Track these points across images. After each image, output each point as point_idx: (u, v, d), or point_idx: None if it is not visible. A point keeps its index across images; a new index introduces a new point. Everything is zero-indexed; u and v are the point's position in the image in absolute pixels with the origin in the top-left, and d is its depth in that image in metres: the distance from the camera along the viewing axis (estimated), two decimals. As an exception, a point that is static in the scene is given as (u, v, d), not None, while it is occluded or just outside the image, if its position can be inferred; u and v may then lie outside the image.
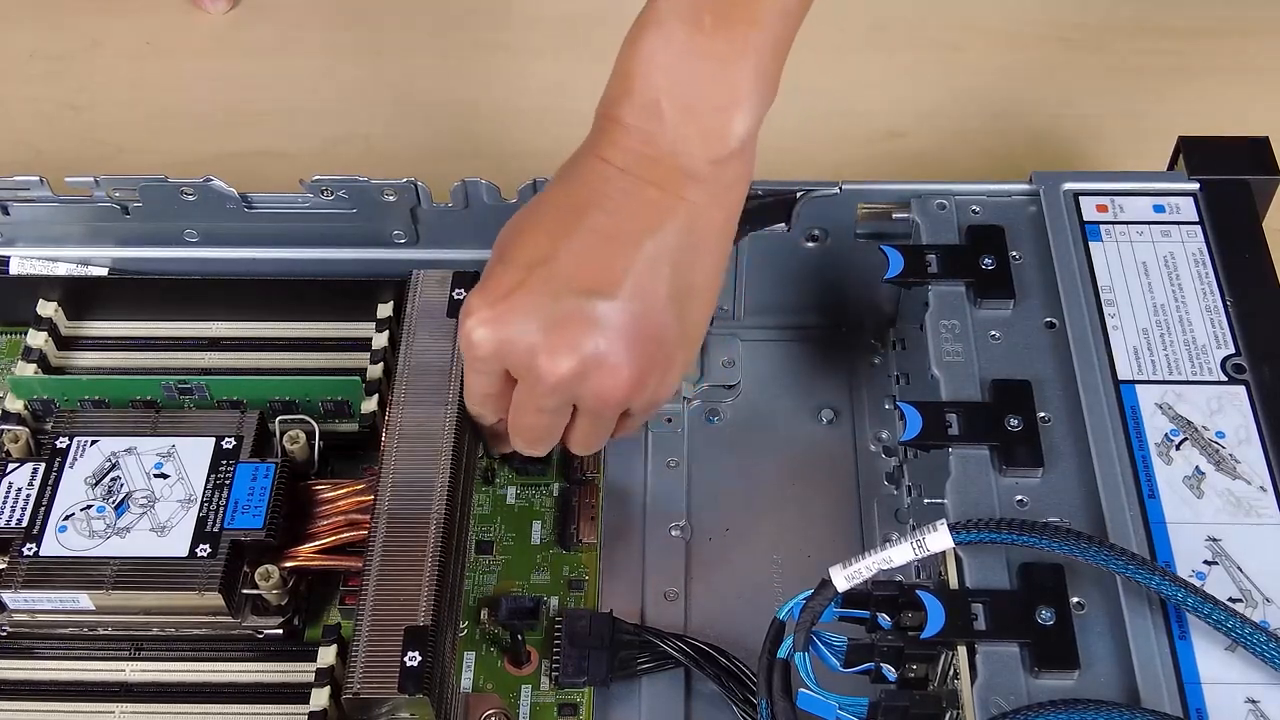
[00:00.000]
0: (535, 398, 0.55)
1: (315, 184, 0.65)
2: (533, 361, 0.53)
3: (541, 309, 0.53)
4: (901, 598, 0.51)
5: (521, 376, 0.55)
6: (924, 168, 0.80)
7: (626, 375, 0.54)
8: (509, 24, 0.89)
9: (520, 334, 0.53)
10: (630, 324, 0.53)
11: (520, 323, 0.53)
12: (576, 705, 0.58)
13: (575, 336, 0.52)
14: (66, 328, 0.68)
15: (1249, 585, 0.52)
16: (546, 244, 0.53)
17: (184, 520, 0.58)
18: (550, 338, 0.53)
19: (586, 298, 0.52)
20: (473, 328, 0.54)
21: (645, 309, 0.53)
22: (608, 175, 0.54)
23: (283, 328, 0.68)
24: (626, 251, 0.53)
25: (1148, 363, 0.58)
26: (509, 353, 0.54)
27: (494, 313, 0.53)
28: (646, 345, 0.54)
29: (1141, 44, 0.87)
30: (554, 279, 0.52)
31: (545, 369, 0.53)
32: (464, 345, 0.55)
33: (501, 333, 0.53)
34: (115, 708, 0.57)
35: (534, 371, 0.53)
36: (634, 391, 0.54)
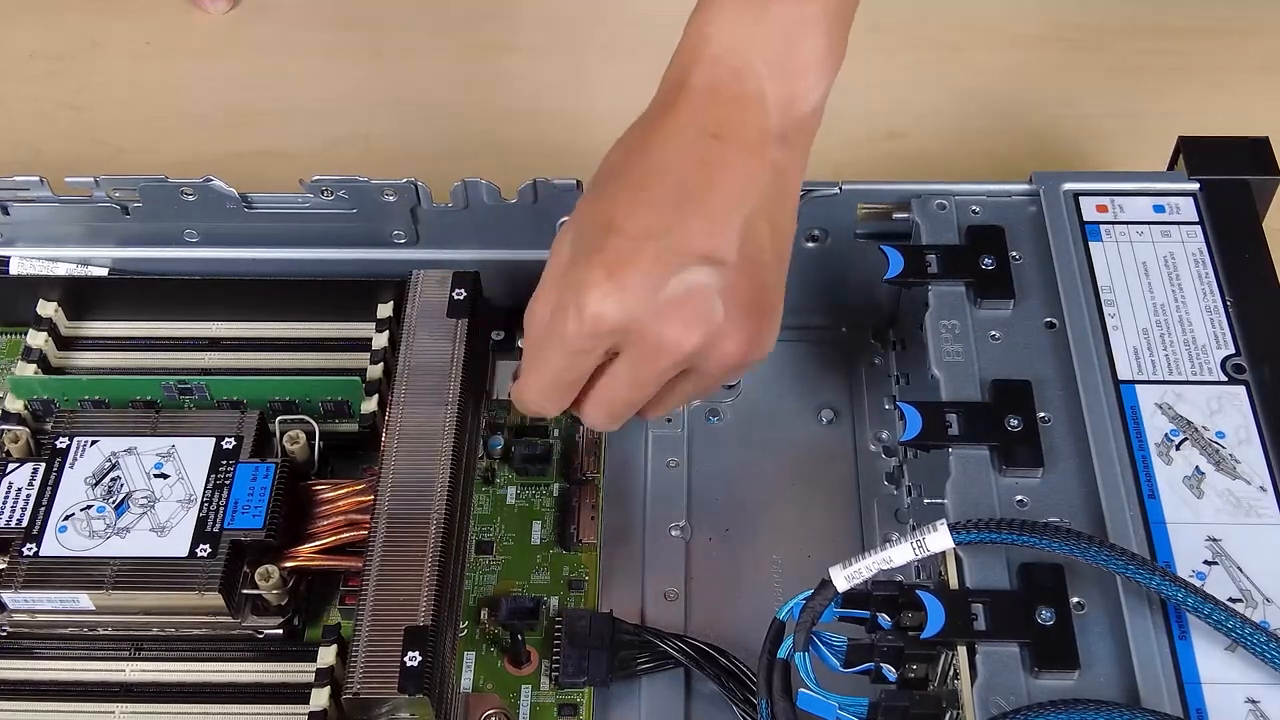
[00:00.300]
0: (655, 371, 0.54)
1: (315, 184, 0.65)
2: (660, 335, 0.52)
3: (664, 282, 0.52)
4: (901, 598, 0.51)
5: (640, 351, 0.53)
6: (924, 168, 0.80)
7: (748, 338, 0.54)
8: (509, 24, 0.89)
9: (645, 307, 0.52)
10: (746, 288, 0.53)
11: (645, 296, 0.52)
12: (576, 705, 0.58)
13: (701, 307, 0.52)
14: (66, 328, 0.68)
15: (1249, 585, 0.52)
16: (654, 216, 0.52)
17: (184, 520, 0.58)
18: (678, 311, 0.52)
19: (706, 266, 0.52)
20: (597, 301, 0.51)
21: (756, 271, 0.53)
22: (697, 141, 0.53)
23: (283, 328, 0.68)
24: (733, 218, 0.53)
25: (1148, 363, 0.58)
26: (635, 327, 0.52)
27: (617, 286, 0.51)
28: (760, 305, 0.54)
29: (1141, 44, 0.87)
30: (672, 250, 0.52)
31: (675, 341, 0.52)
32: (577, 324, 0.52)
33: (627, 307, 0.52)
34: (115, 708, 0.57)
35: (661, 345, 0.53)
36: (752, 352, 0.55)
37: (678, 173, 0.53)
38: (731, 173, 0.53)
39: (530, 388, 0.56)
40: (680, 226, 0.52)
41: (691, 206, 0.52)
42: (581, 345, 0.53)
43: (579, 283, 0.52)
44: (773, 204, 0.54)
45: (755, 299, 0.54)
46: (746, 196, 0.53)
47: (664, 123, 0.54)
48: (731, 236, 0.52)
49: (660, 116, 0.54)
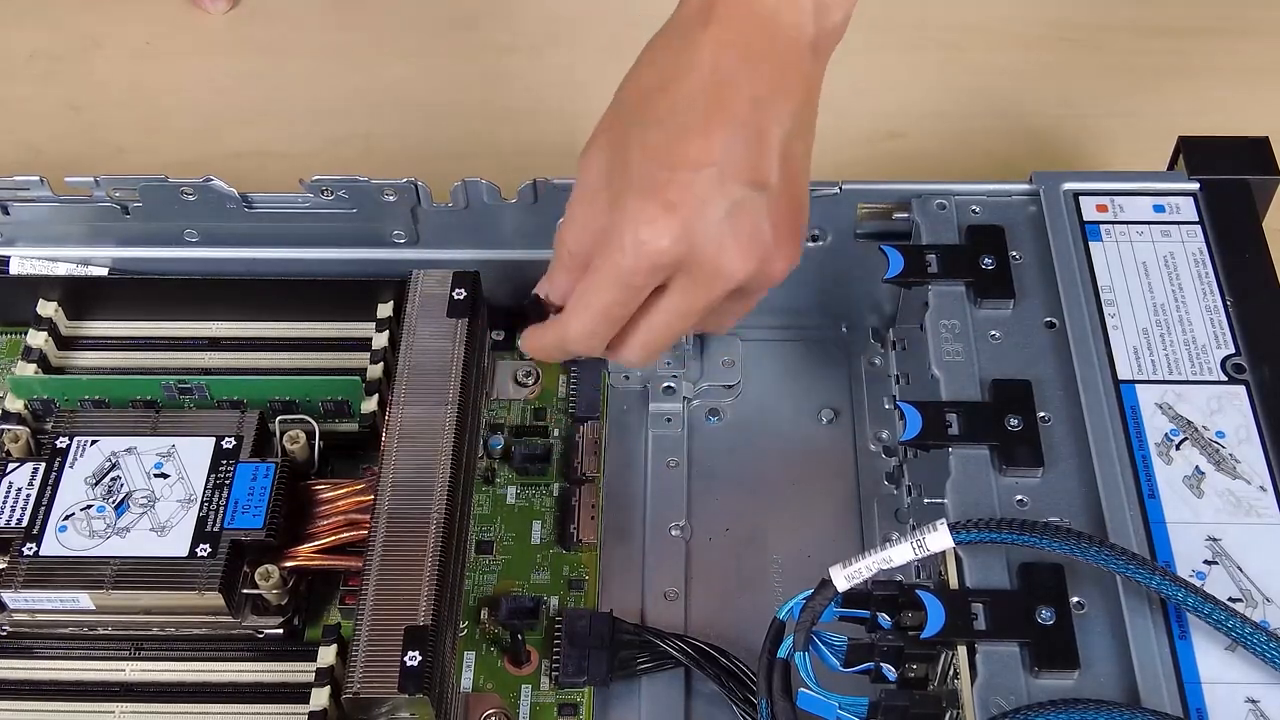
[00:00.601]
0: (708, 299, 0.54)
1: (315, 184, 0.65)
2: (717, 263, 0.53)
3: (719, 211, 0.52)
4: (901, 597, 0.51)
5: (694, 279, 0.53)
6: (924, 168, 0.80)
7: (792, 254, 0.55)
8: (510, 24, 0.89)
9: (705, 237, 0.52)
10: (788, 206, 0.54)
11: (704, 225, 0.52)
12: (576, 705, 0.58)
13: (753, 231, 0.53)
14: (66, 328, 0.68)
15: (1249, 585, 0.52)
16: (704, 145, 0.52)
17: (184, 520, 0.58)
18: (734, 239, 0.52)
19: (755, 191, 0.53)
20: (656, 235, 0.51)
21: (796, 189, 0.54)
22: (736, 60, 0.53)
23: (283, 328, 0.68)
24: (775, 140, 0.53)
25: (1148, 363, 0.58)
26: (693, 257, 0.52)
27: (676, 219, 0.52)
28: (799, 220, 0.55)
29: (1141, 44, 0.87)
30: (722, 179, 0.52)
31: (731, 268, 0.53)
32: (636, 258, 0.52)
33: (689, 237, 0.52)
34: (115, 708, 0.57)
35: (718, 272, 0.53)
36: (793, 266, 0.56)
37: (719, 97, 0.52)
38: (771, 93, 0.53)
39: (575, 324, 0.55)
40: (728, 154, 0.52)
41: (737, 132, 0.52)
42: (638, 280, 0.53)
43: (635, 216, 0.52)
44: (804, 118, 0.55)
45: (796, 216, 0.55)
46: (785, 115, 0.53)
47: (700, 39, 0.53)
48: (774, 159, 0.53)
49: (695, 31, 0.53)
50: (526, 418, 0.67)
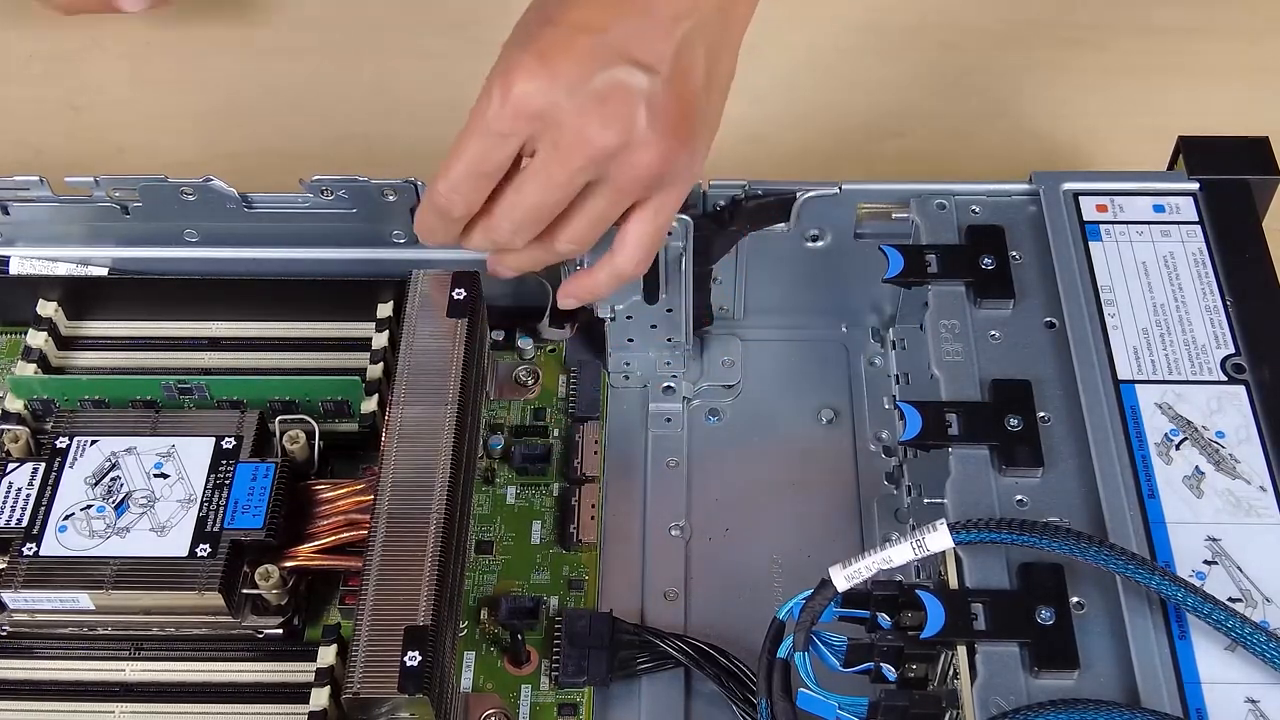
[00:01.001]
0: (564, 169, 0.54)
1: (315, 184, 0.65)
2: (580, 128, 0.53)
3: (592, 75, 0.52)
4: (901, 598, 0.51)
5: (556, 144, 0.53)
6: (924, 168, 0.80)
7: (662, 152, 0.54)
8: (509, 24, 0.89)
9: (569, 97, 0.52)
10: (672, 103, 0.53)
11: (571, 85, 0.52)
12: (576, 705, 0.58)
13: (625, 107, 0.53)
14: (66, 328, 0.68)
15: (1249, 585, 0.52)
16: (596, 13, 0.52)
17: (184, 520, 0.58)
18: (601, 106, 0.52)
19: (636, 70, 0.53)
20: (523, 81, 0.52)
21: (685, 88, 0.54)
22: None
23: (283, 328, 0.68)
24: (671, 29, 0.53)
25: (1148, 363, 0.58)
26: (553, 114, 0.53)
27: (547, 71, 0.52)
28: (681, 124, 0.54)
29: (1141, 43, 0.87)
30: (605, 48, 0.52)
31: (592, 136, 0.53)
32: (500, 104, 0.53)
33: (553, 93, 0.52)
34: (115, 708, 0.57)
35: (578, 137, 0.53)
36: (663, 170, 0.55)
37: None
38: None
39: (441, 180, 0.56)
40: (618, 26, 0.52)
41: (633, 10, 0.53)
42: (502, 126, 0.53)
43: (508, 66, 0.53)
44: (714, 30, 0.54)
45: (679, 116, 0.54)
46: (689, 14, 0.53)
47: None
48: (667, 47, 0.53)
49: None
50: (526, 418, 0.67)
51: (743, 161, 0.62)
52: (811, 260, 0.68)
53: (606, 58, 0.52)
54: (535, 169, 0.55)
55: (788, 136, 0.81)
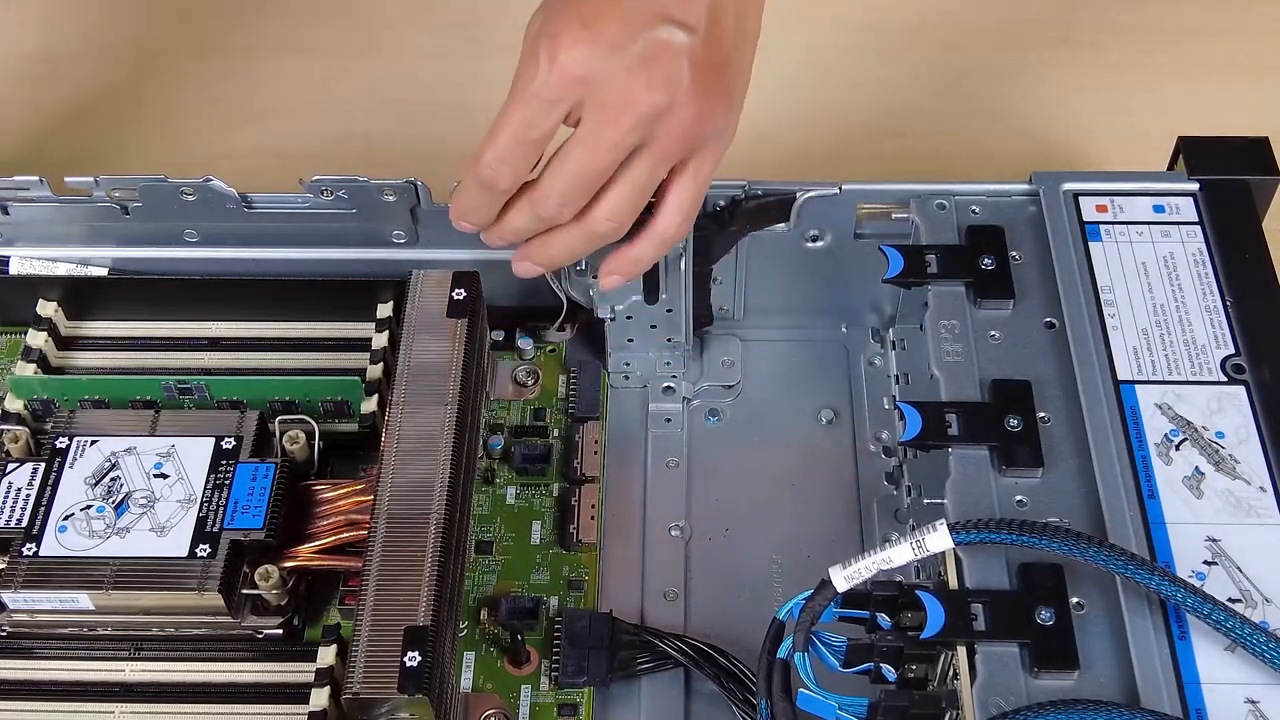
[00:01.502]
0: (615, 130, 0.54)
1: (315, 184, 0.65)
2: (627, 89, 0.53)
3: (636, 37, 0.53)
4: (901, 598, 0.51)
5: (604, 106, 0.53)
6: (924, 168, 0.80)
7: (704, 107, 0.54)
8: (509, 24, 0.89)
9: (615, 59, 0.53)
10: (710, 60, 0.54)
11: (616, 47, 0.52)
12: (576, 705, 0.58)
13: (669, 66, 0.53)
14: (66, 328, 0.68)
15: (1249, 585, 0.52)
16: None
17: (184, 520, 0.58)
18: (647, 66, 0.53)
19: (676, 29, 0.53)
20: (569, 47, 0.52)
21: (720, 45, 0.54)
22: None
23: (283, 328, 0.68)
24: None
25: (1147, 363, 0.58)
26: (600, 78, 0.53)
27: (590, 35, 0.52)
28: (719, 81, 0.55)
29: (1141, 43, 0.87)
30: (644, 8, 0.53)
31: (639, 97, 0.53)
32: (548, 70, 0.53)
33: (598, 57, 0.52)
34: (115, 708, 0.57)
35: (626, 99, 0.53)
36: (706, 127, 0.55)
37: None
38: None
39: (488, 146, 0.55)
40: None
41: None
42: (549, 93, 0.53)
43: (553, 32, 0.53)
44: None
45: (717, 72, 0.54)
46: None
47: None
48: (701, 6, 0.53)
49: None
50: (526, 418, 0.67)
51: (743, 161, 0.62)
52: (811, 260, 0.68)
53: (647, 18, 0.53)
54: (584, 134, 0.54)
55: (788, 136, 0.81)
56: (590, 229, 0.57)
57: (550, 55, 0.53)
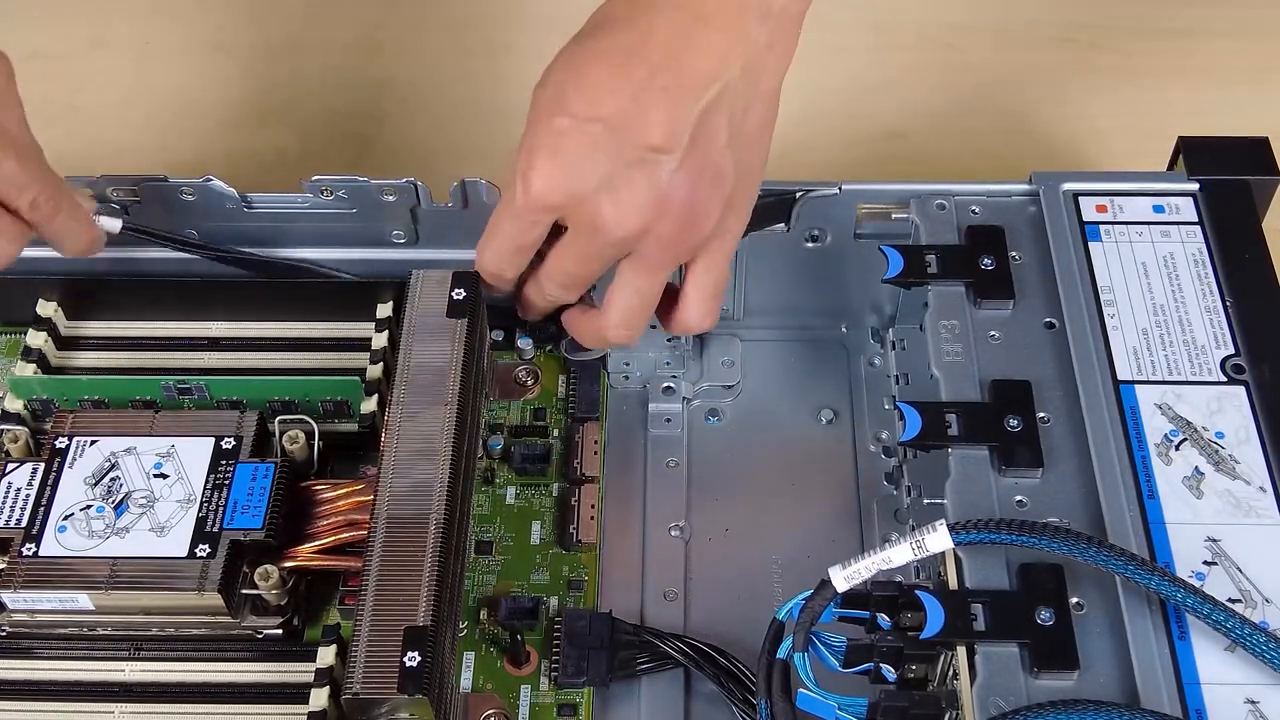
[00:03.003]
0: (593, 247, 0.55)
1: (315, 184, 0.65)
2: (599, 215, 0.54)
3: (609, 164, 0.53)
4: (901, 598, 0.51)
5: (581, 228, 0.55)
6: (924, 168, 0.80)
7: (684, 225, 0.55)
8: (509, 23, 0.89)
9: (590, 188, 0.53)
10: (691, 175, 0.54)
11: (590, 176, 0.53)
12: (576, 705, 0.58)
13: (640, 195, 0.53)
14: (66, 328, 0.68)
15: (1248, 585, 0.52)
16: (608, 98, 0.53)
17: (183, 520, 0.58)
18: (617, 196, 0.53)
19: (652, 154, 0.53)
20: (540, 179, 0.53)
21: (704, 159, 0.54)
22: (677, 22, 0.53)
23: (283, 328, 0.68)
24: (687, 104, 0.53)
25: (1147, 363, 0.58)
26: (576, 205, 0.54)
27: (561, 169, 0.53)
28: (703, 194, 0.55)
29: (1141, 44, 0.87)
30: (619, 135, 0.53)
31: (613, 224, 0.54)
32: (524, 197, 0.54)
33: (568, 187, 0.53)
34: (115, 708, 0.57)
35: (600, 225, 0.54)
36: (695, 239, 0.56)
37: (648, 58, 0.52)
38: (701, 60, 0.53)
39: (485, 249, 0.58)
40: (637, 117, 0.52)
41: (652, 97, 0.52)
42: (528, 215, 0.55)
43: (529, 155, 0.54)
44: (740, 89, 0.54)
45: (701, 187, 0.54)
46: (710, 85, 0.53)
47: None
48: (684, 129, 0.53)
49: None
50: (526, 418, 0.67)
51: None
52: (811, 260, 0.68)
53: (618, 146, 0.53)
54: (569, 243, 0.56)
55: (788, 136, 0.81)
56: (605, 338, 0.59)
57: (524, 181, 0.54)
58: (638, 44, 0.52)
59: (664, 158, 0.53)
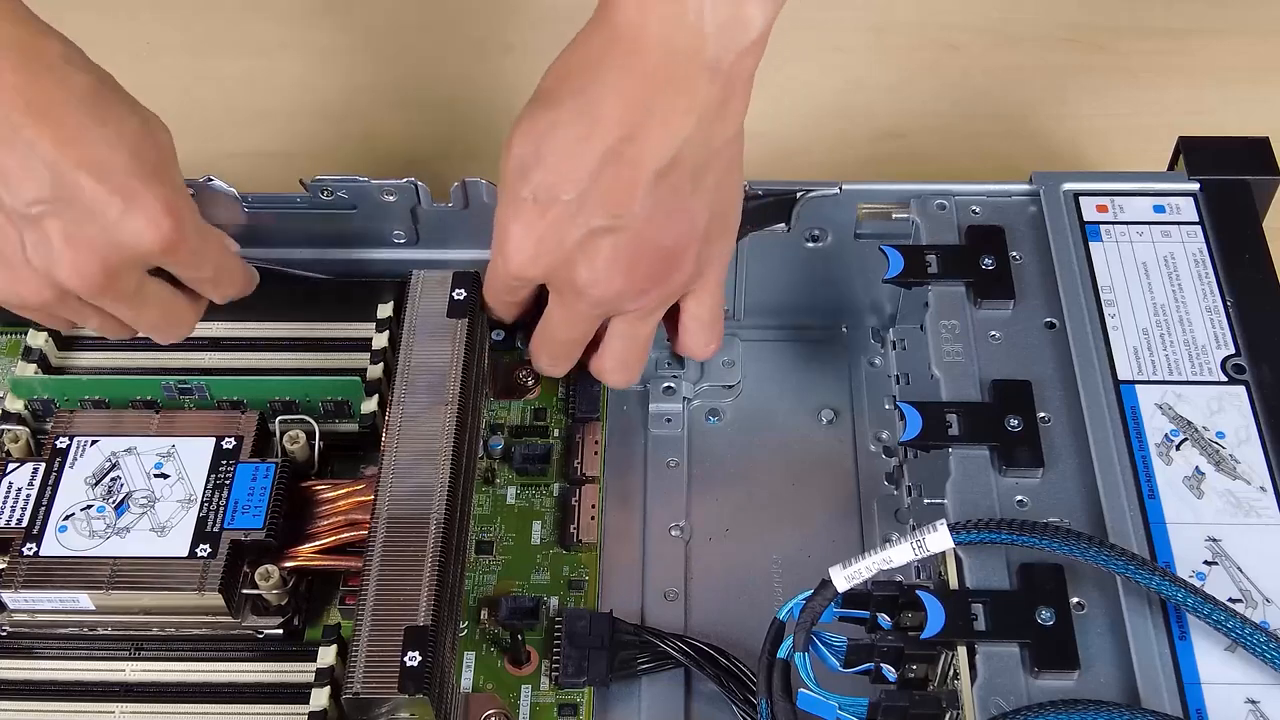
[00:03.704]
0: (579, 312, 0.58)
1: (315, 184, 0.65)
2: (575, 281, 0.56)
3: (576, 232, 0.55)
4: (901, 598, 0.51)
5: (563, 292, 0.58)
6: (924, 168, 0.80)
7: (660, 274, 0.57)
8: (510, 23, 0.89)
9: (562, 257, 0.55)
10: (659, 231, 0.55)
11: (560, 246, 0.55)
12: (576, 705, 0.58)
13: (613, 256, 0.55)
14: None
15: (1249, 585, 0.52)
16: (568, 171, 0.54)
17: (184, 520, 0.58)
18: (590, 260, 0.55)
19: (616, 219, 0.54)
20: (514, 252, 0.56)
21: (670, 214, 0.55)
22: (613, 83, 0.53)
23: (283, 328, 0.68)
24: (646, 169, 0.54)
25: (1148, 363, 0.58)
26: (553, 273, 0.57)
27: (531, 242, 0.55)
28: (678, 243, 0.56)
29: (1141, 44, 0.87)
30: (583, 205, 0.54)
31: (588, 288, 0.56)
32: (505, 267, 0.57)
33: (543, 257, 0.56)
34: (115, 708, 0.57)
35: (576, 289, 0.57)
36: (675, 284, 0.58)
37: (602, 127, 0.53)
38: (655, 125, 0.53)
39: (486, 293, 0.62)
40: (597, 187, 0.54)
41: (611, 168, 0.53)
42: (510, 284, 0.59)
43: (501, 230, 0.56)
44: (697, 144, 0.54)
45: (670, 247, 0.56)
46: (663, 151, 0.54)
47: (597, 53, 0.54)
48: (644, 192, 0.54)
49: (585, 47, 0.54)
50: (526, 418, 0.67)
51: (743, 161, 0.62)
52: (811, 260, 0.68)
53: (584, 216, 0.54)
54: (552, 312, 0.60)
55: (788, 136, 0.81)
56: (604, 378, 0.62)
57: (503, 254, 0.57)
58: (591, 113, 0.53)
59: (629, 220, 0.54)
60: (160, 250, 0.56)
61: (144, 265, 0.57)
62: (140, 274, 0.57)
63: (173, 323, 0.61)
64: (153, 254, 0.56)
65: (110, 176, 0.54)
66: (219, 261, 0.60)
